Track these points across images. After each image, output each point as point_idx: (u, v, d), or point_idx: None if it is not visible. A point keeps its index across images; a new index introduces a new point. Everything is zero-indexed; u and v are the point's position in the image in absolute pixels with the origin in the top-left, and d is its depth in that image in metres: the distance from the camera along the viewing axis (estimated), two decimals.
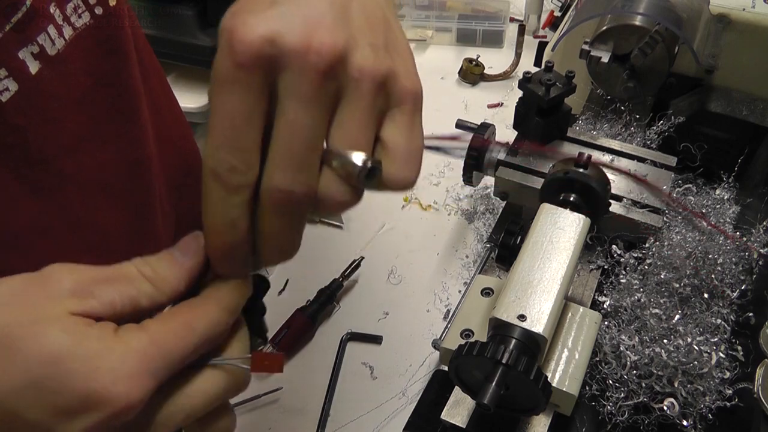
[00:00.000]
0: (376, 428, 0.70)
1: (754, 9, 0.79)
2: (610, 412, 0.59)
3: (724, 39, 0.81)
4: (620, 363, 0.60)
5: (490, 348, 0.50)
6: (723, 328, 0.61)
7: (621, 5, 0.81)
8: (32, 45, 0.61)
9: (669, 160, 0.74)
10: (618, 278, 0.65)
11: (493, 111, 1.10)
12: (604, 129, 0.82)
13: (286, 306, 0.80)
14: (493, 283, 0.66)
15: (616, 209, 0.69)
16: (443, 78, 1.18)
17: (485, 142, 0.77)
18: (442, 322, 0.79)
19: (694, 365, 0.58)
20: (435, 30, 1.27)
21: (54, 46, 0.64)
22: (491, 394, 0.49)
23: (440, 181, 0.97)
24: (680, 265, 0.65)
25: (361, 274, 0.85)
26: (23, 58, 0.60)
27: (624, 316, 0.63)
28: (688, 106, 0.84)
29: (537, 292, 0.56)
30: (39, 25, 0.61)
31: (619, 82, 0.82)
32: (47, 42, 0.63)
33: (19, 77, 0.60)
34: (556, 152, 0.76)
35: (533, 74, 0.75)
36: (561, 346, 0.59)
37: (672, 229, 0.69)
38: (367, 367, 0.76)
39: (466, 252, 0.87)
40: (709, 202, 0.71)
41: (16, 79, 0.59)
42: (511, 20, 1.28)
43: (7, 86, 0.58)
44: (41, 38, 0.62)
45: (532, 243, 0.61)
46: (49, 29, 0.63)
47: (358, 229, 0.92)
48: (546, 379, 0.51)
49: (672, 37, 0.78)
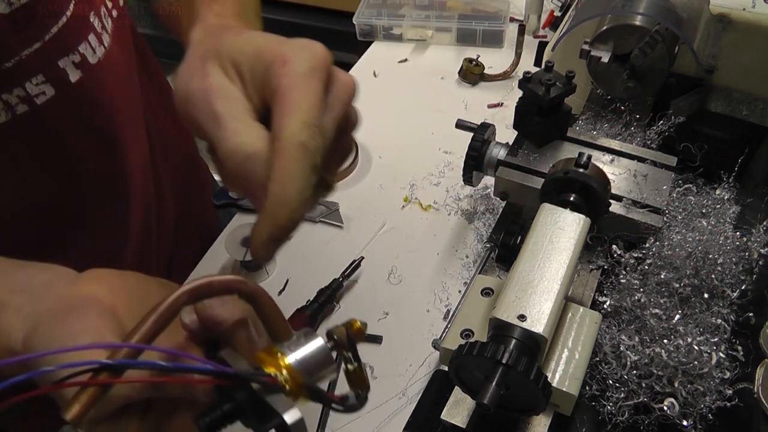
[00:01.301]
0: (376, 428, 0.70)
1: (754, 9, 0.79)
2: (610, 412, 0.59)
3: (724, 39, 0.81)
4: (620, 363, 0.60)
5: (490, 348, 0.50)
6: (723, 328, 0.61)
7: (621, 5, 0.81)
8: (74, 54, 0.62)
9: (669, 160, 0.74)
10: (618, 278, 0.65)
11: (493, 111, 1.10)
12: (604, 129, 0.82)
13: (286, 306, 0.80)
14: (493, 283, 0.67)
15: (616, 209, 0.69)
16: (443, 78, 1.18)
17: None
18: (442, 322, 0.79)
19: (694, 365, 0.58)
20: (435, 30, 1.27)
21: (95, 54, 0.65)
22: (491, 394, 0.49)
23: (440, 181, 0.97)
24: (680, 265, 0.65)
25: (361, 274, 0.85)
26: (64, 66, 0.62)
27: (624, 316, 0.63)
28: (688, 106, 0.84)
29: (537, 292, 0.56)
30: (80, 34, 0.63)
31: (619, 82, 0.82)
32: (88, 51, 0.64)
33: (57, 83, 0.61)
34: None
35: (533, 74, 0.75)
36: (561, 346, 0.59)
37: (672, 229, 0.69)
38: (367, 367, 0.76)
39: (466, 252, 0.87)
40: (709, 202, 0.71)
41: (53, 85, 0.61)
42: (511, 20, 1.28)
43: (44, 90, 0.60)
44: (83, 47, 0.63)
45: (532, 243, 0.61)
46: (90, 38, 0.64)
47: (358, 229, 0.92)
48: (546, 379, 0.51)
49: (672, 37, 0.78)
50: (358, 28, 1.29)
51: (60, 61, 0.61)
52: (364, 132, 1.06)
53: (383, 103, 1.13)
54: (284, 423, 0.35)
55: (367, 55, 1.27)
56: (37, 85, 0.59)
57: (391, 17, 1.28)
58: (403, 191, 0.97)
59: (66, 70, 0.61)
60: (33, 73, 0.58)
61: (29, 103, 0.59)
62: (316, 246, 0.90)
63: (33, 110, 0.59)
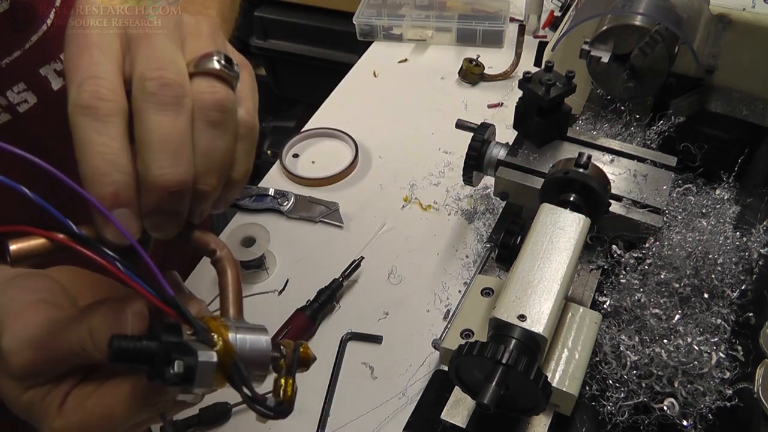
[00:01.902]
0: (376, 428, 0.70)
1: (754, 9, 0.79)
2: (610, 412, 0.59)
3: (724, 39, 0.81)
4: (620, 363, 0.60)
5: (490, 348, 0.50)
6: (723, 328, 0.61)
7: (621, 5, 0.80)
8: (55, 63, 0.63)
9: (669, 160, 0.74)
10: (618, 278, 0.65)
11: (493, 111, 1.10)
12: (604, 129, 0.82)
13: (286, 306, 0.81)
14: (493, 283, 0.67)
15: (616, 209, 0.69)
16: (443, 78, 1.18)
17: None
18: (442, 322, 0.79)
19: (694, 365, 0.58)
20: (435, 30, 1.27)
21: None
22: (491, 394, 0.49)
23: (440, 181, 0.97)
24: (680, 265, 0.65)
25: (361, 274, 0.85)
26: (45, 74, 0.62)
27: (624, 316, 0.63)
28: (688, 106, 0.84)
29: (537, 292, 0.56)
30: (62, 42, 0.63)
31: (619, 82, 0.82)
32: None
33: (38, 91, 0.61)
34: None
35: (533, 74, 0.75)
36: (561, 346, 0.59)
37: (672, 229, 0.69)
38: (367, 367, 0.76)
39: (466, 252, 0.87)
40: (709, 202, 0.71)
41: (35, 93, 0.61)
42: (511, 20, 1.28)
43: (26, 98, 0.60)
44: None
45: (532, 243, 0.61)
46: None
47: (358, 229, 0.92)
48: (546, 379, 0.51)
49: (672, 37, 0.78)
50: (358, 28, 1.29)
51: (41, 69, 0.61)
52: (364, 132, 1.07)
53: (383, 103, 1.14)
54: (195, 360, 0.33)
55: (367, 55, 1.27)
56: (19, 93, 0.60)
57: (391, 17, 1.28)
58: (403, 191, 0.97)
59: (47, 78, 0.62)
60: (14, 81, 0.59)
61: (11, 112, 0.59)
62: (316, 246, 0.90)
63: (16, 119, 0.59)
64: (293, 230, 0.93)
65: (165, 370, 0.33)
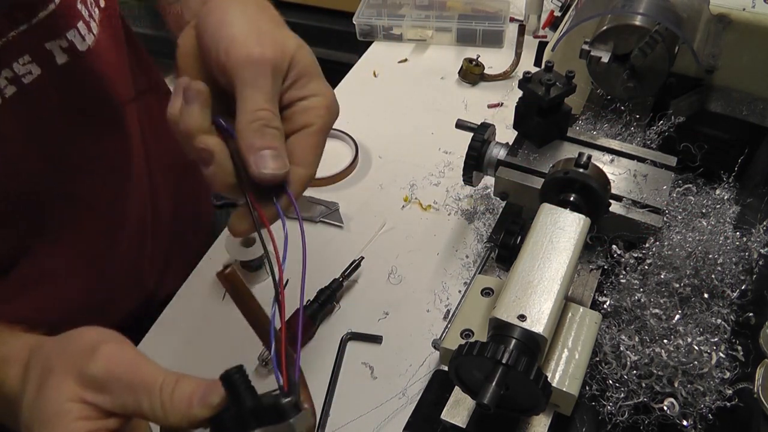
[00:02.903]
0: (376, 428, 0.70)
1: (754, 9, 0.79)
2: (610, 412, 0.59)
3: (724, 39, 0.81)
4: (620, 363, 0.60)
5: (490, 348, 0.50)
6: (723, 328, 0.61)
7: (621, 5, 0.81)
8: (61, 39, 0.64)
9: (669, 160, 0.74)
10: (618, 278, 0.65)
11: (493, 111, 1.10)
12: (604, 129, 0.82)
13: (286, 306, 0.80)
14: (493, 283, 0.67)
15: (616, 209, 0.69)
16: (443, 78, 1.18)
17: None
18: (442, 322, 0.79)
19: (694, 365, 0.58)
20: (435, 30, 1.27)
21: (84, 42, 0.67)
22: (491, 394, 0.49)
23: (440, 181, 0.97)
24: (680, 265, 0.65)
25: (361, 274, 0.85)
26: (50, 48, 0.64)
27: (624, 316, 0.63)
28: (688, 106, 0.84)
29: (537, 292, 0.56)
30: (69, 22, 0.64)
31: (619, 82, 0.82)
32: (77, 38, 0.66)
33: (43, 63, 0.63)
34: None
35: (533, 74, 0.75)
36: (561, 346, 0.59)
37: (672, 229, 0.69)
38: (367, 367, 0.76)
39: (466, 252, 0.87)
40: (709, 202, 0.71)
41: (39, 65, 0.62)
42: (511, 20, 1.28)
43: (30, 70, 0.62)
44: (71, 34, 0.65)
45: (532, 243, 0.61)
46: (80, 26, 0.66)
47: (358, 229, 0.92)
48: (546, 379, 0.51)
49: (672, 37, 0.78)
50: (358, 28, 1.29)
51: (47, 43, 0.63)
52: (364, 132, 1.07)
53: (383, 103, 1.13)
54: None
55: (367, 55, 1.27)
56: (24, 65, 0.61)
57: (391, 17, 1.28)
58: (403, 191, 0.97)
59: (52, 52, 0.64)
60: (20, 53, 0.60)
61: (17, 84, 0.60)
62: (316, 246, 0.90)
63: (21, 91, 0.61)
64: (293, 230, 0.93)
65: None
